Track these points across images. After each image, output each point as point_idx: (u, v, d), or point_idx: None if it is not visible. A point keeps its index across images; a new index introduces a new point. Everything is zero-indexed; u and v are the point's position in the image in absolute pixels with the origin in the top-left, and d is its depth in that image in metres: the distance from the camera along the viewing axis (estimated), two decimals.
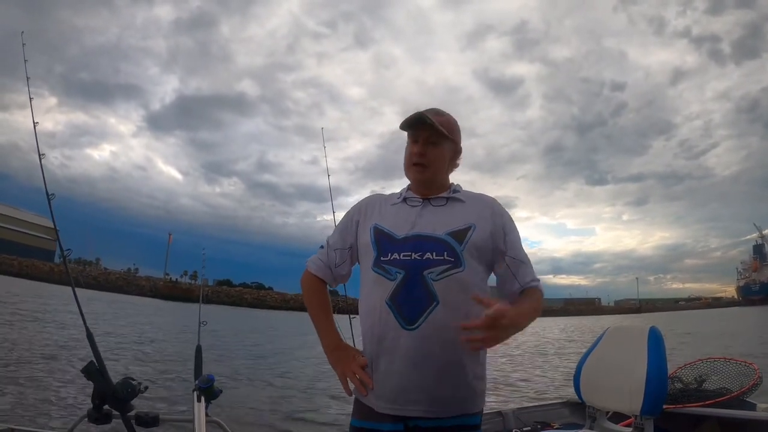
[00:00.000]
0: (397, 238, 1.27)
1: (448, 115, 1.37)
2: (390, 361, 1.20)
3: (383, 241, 1.29)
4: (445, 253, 1.23)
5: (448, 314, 1.19)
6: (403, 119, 1.32)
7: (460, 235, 1.26)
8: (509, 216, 1.36)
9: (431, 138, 1.31)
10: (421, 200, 1.34)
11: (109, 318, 15.05)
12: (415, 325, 1.18)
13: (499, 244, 1.30)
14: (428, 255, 1.22)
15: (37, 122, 1.58)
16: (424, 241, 1.25)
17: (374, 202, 1.41)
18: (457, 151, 1.40)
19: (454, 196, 1.35)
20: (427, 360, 1.18)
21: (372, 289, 1.26)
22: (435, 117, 1.30)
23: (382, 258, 1.26)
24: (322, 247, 1.42)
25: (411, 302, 1.20)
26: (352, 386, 1.26)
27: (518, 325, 1.17)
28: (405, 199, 1.37)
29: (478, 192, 1.40)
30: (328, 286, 1.41)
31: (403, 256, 1.23)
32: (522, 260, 1.32)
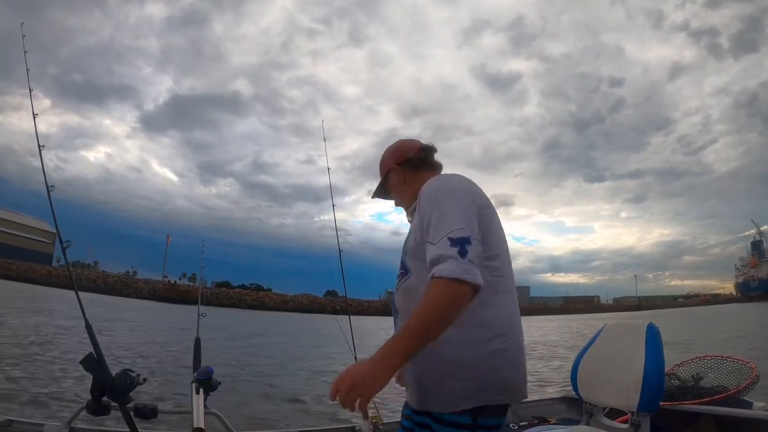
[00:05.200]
0: None
1: (385, 152, 1.46)
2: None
3: None
4: (400, 264, 1.28)
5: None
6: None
7: (406, 241, 1.29)
8: (433, 197, 1.19)
9: (385, 194, 1.47)
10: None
11: (109, 319, 14.96)
12: None
13: (424, 235, 1.17)
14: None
15: (37, 113, 1.57)
16: None
17: None
18: (398, 167, 1.41)
19: (417, 204, 1.26)
20: (405, 371, 1.23)
21: None
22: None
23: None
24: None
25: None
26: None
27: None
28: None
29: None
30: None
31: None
32: (428, 240, 1.13)
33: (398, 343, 1.01)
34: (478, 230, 1.13)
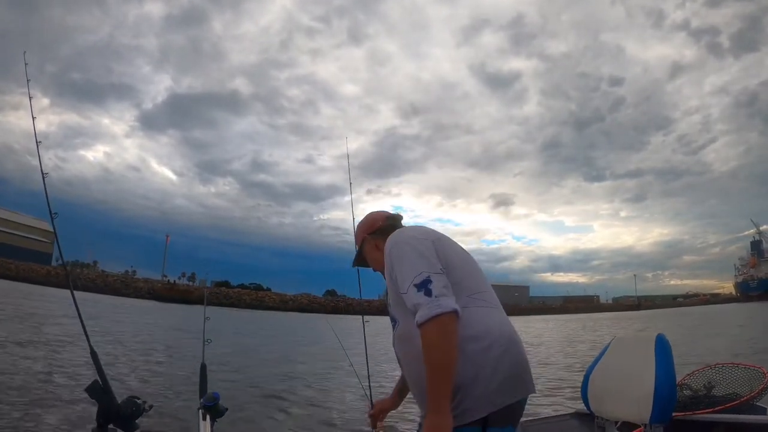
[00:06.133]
0: None
1: (357, 225, 1.63)
2: None
3: None
4: (390, 318, 1.42)
5: (406, 371, 1.39)
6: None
7: (387, 298, 1.43)
8: (391, 252, 1.32)
9: (363, 262, 1.63)
10: None
11: (110, 328, 14.83)
12: None
13: (397, 288, 1.29)
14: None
15: (40, 141, 1.53)
16: None
17: None
18: (370, 237, 1.57)
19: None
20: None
21: None
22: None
23: None
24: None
25: None
26: None
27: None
28: None
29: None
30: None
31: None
32: (401, 292, 1.25)
33: (433, 397, 1.13)
34: (438, 262, 1.26)
